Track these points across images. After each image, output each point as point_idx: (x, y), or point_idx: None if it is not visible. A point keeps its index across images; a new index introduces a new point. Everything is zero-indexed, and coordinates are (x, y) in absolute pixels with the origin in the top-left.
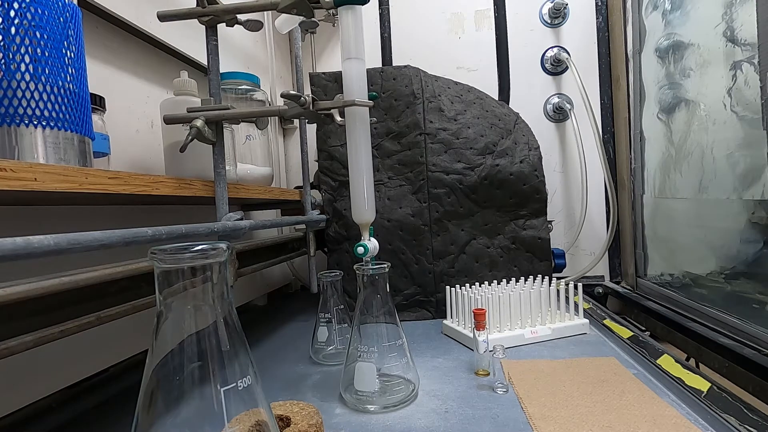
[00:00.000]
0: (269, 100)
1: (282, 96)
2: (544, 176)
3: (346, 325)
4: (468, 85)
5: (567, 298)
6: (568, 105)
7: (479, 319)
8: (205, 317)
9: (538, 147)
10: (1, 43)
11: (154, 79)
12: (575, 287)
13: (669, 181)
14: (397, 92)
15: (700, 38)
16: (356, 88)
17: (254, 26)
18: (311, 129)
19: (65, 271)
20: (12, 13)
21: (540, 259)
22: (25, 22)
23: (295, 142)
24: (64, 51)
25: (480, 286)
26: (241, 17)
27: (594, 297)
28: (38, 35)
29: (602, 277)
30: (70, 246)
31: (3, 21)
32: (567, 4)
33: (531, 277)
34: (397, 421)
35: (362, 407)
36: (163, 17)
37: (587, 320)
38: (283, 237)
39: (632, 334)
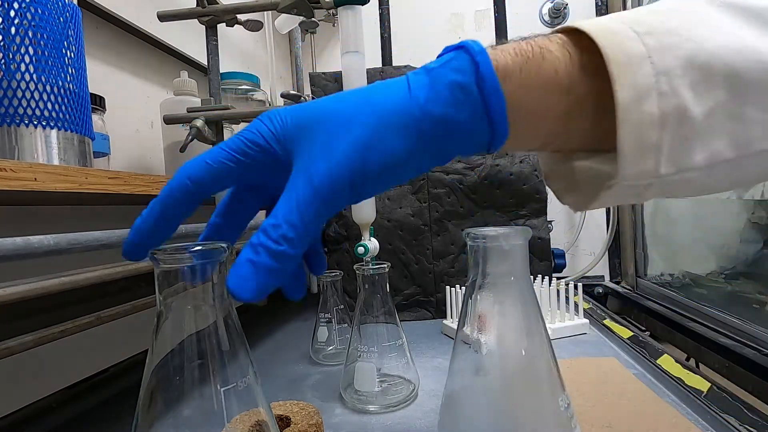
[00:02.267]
0: (269, 100)
1: (282, 96)
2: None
3: (346, 325)
4: None
5: (567, 298)
6: None
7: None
8: (205, 317)
9: None
10: (1, 43)
11: (154, 79)
12: (575, 287)
13: None
14: None
15: None
16: (356, 83)
17: (254, 26)
18: None
19: (65, 271)
20: (12, 13)
21: (540, 259)
22: (25, 22)
23: None
24: (64, 51)
25: None
26: (241, 17)
27: (594, 297)
28: (38, 35)
29: (602, 277)
30: (70, 246)
31: (3, 21)
32: (567, 4)
33: (531, 277)
34: (397, 421)
35: (362, 407)
36: (163, 17)
37: (587, 320)
38: None
39: (632, 334)
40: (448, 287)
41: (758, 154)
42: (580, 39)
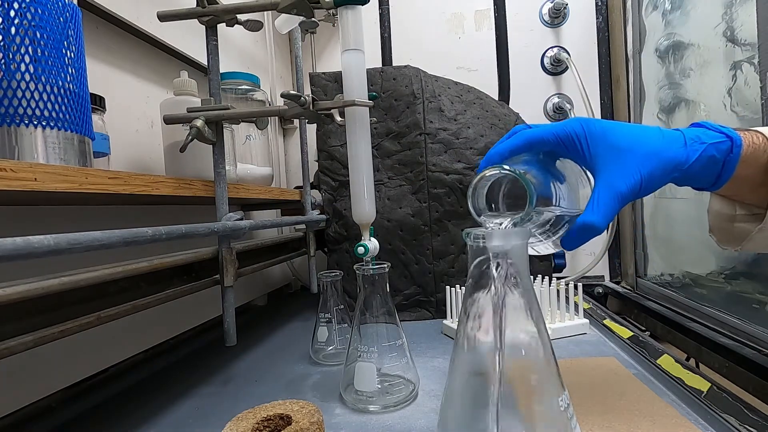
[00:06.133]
0: (269, 100)
1: (282, 96)
2: None
3: (346, 325)
4: (468, 85)
5: (567, 298)
6: (568, 105)
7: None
8: None
9: None
10: (1, 43)
11: (154, 79)
12: (575, 287)
13: None
14: (397, 92)
15: (700, 38)
16: (356, 81)
17: (254, 26)
18: (311, 129)
19: (65, 271)
20: (12, 13)
21: (540, 259)
22: (25, 22)
23: (295, 142)
24: (64, 51)
25: None
26: (241, 17)
27: (594, 297)
28: (38, 35)
29: (602, 277)
30: (70, 246)
31: (3, 21)
32: (567, 4)
33: (531, 277)
34: (397, 421)
35: (362, 407)
36: (163, 17)
37: (587, 320)
38: (283, 237)
39: (632, 334)
40: (448, 287)
41: None
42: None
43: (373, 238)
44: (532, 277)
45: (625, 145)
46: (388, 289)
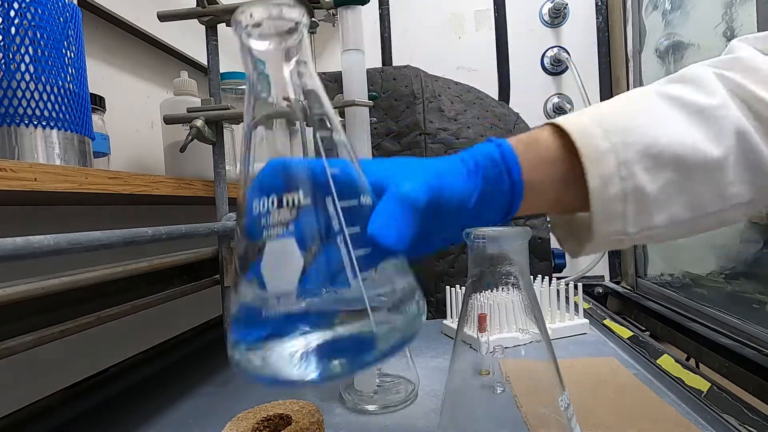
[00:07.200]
0: None
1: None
2: None
3: None
4: (468, 85)
5: (567, 298)
6: (568, 105)
7: (482, 322)
8: None
9: None
10: (1, 43)
11: (154, 79)
12: (575, 287)
13: None
14: (397, 92)
15: (700, 38)
16: (356, 81)
17: None
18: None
19: (65, 271)
20: (12, 13)
21: (540, 259)
22: (25, 22)
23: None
24: (64, 51)
25: None
26: None
27: (594, 297)
28: (38, 35)
29: (602, 277)
30: (70, 246)
31: (3, 21)
32: (567, 4)
33: (531, 277)
34: (397, 421)
35: (362, 407)
36: (163, 17)
37: (587, 320)
38: None
39: (632, 334)
40: (448, 287)
41: (712, 214)
42: (563, 131)
43: None
44: (532, 277)
45: (395, 169)
46: None
